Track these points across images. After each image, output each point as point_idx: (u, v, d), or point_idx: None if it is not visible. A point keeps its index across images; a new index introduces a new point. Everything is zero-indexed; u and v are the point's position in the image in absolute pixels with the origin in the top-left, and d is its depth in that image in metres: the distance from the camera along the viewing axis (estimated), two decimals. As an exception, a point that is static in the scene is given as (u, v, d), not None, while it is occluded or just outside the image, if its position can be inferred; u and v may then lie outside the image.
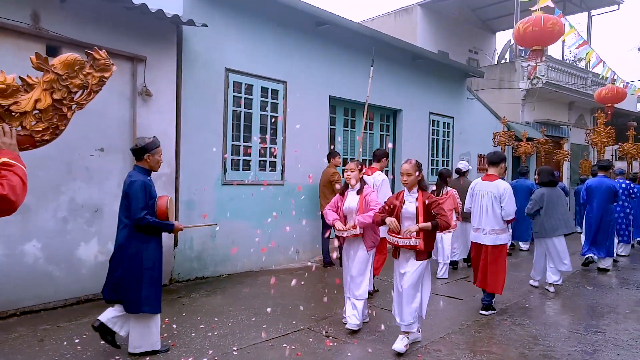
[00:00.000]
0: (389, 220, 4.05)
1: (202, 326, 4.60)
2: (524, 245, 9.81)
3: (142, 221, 3.58)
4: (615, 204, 8.01)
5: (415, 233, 3.97)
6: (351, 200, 4.68)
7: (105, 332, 3.75)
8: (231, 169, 6.82)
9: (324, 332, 4.54)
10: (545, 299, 6.06)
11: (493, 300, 5.39)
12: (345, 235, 4.53)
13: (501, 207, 5.23)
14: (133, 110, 5.55)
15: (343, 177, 5.01)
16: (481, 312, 5.31)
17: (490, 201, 5.27)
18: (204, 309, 5.15)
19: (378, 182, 5.90)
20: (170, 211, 3.79)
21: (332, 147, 8.28)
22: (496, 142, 13.23)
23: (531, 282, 6.70)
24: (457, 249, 7.75)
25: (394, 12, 18.69)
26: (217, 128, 6.60)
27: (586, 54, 8.40)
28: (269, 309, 5.10)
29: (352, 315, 4.57)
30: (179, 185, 6.20)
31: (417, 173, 4.12)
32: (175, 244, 6.20)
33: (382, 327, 4.69)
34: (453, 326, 4.80)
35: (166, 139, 5.87)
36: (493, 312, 5.33)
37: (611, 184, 7.86)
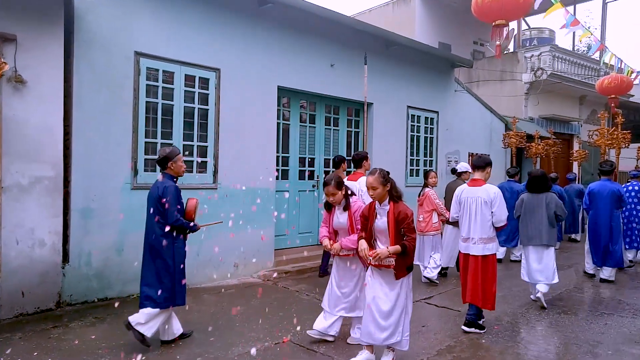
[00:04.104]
0: (361, 249, 3.80)
1: (41, 373, 3.62)
2: (516, 254, 8.59)
3: (177, 222, 4.04)
4: (622, 209, 7.25)
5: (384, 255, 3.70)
6: (339, 216, 4.37)
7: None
8: (144, 171, 5.84)
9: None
10: (513, 329, 4.89)
11: (482, 320, 4.88)
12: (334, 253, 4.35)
13: (492, 212, 4.77)
14: (-1, 100, 4.61)
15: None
16: (463, 327, 4.81)
17: (480, 207, 4.81)
18: (68, 346, 4.17)
19: (365, 188, 5.18)
20: (196, 213, 4.23)
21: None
22: (506, 144, 11.99)
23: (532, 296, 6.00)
24: (442, 255, 6.96)
25: (392, 2, 17.55)
26: (124, 122, 5.62)
27: (584, 37, 7.13)
28: (150, 346, 4.10)
29: (356, 329, 4.34)
30: (70, 190, 5.24)
31: (384, 185, 3.75)
32: (66, 260, 5.24)
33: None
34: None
35: (48, 134, 4.93)
36: (479, 330, 4.78)
37: (615, 188, 7.08)
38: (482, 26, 17.97)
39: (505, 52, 16.08)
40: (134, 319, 4.04)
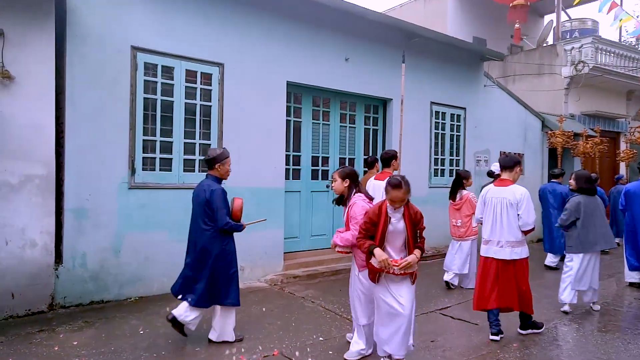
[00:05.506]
0: (381, 259, 3.46)
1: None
2: (553, 260, 7.99)
3: (227, 226, 4.05)
4: None
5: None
6: (344, 211, 4.16)
7: (176, 324, 4.12)
8: (142, 170, 5.63)
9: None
10: (535, 348, 4.32)
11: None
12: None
13: (518, 215, 4.47)
14: (-15, 97, 4.49)
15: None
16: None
17: (505, 209, 4.51)
18: (46, 352, 3.96)
19: None
20: (242, 213, 4.22)
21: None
22: (550, 143, 11.17)
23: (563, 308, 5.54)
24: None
25: (423, -4, 16.97)
26: (121, 119, 5.42)
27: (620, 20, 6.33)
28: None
29: (354, 342, 4.02)
30: (63, 190, 5.08)
31: (409, 192, 3.57)
32: (59, 261, 5.08)
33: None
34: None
35: (39, 132, 4.79)
36: (538, 329, 4.71)
37: None
38: (523, 23, 17.02)
39: (544, 44, 15.14)
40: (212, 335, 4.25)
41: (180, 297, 4.14)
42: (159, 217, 5.69)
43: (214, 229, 4.06)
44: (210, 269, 4.06)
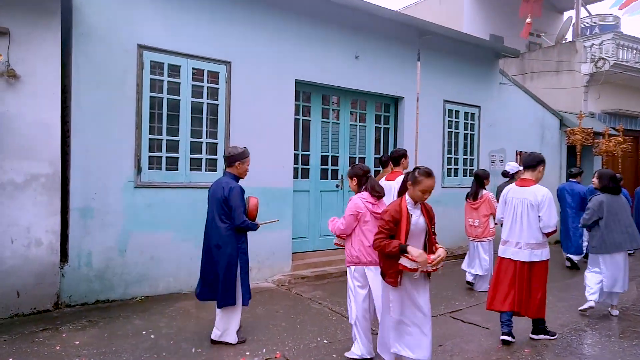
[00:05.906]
0: (417, 254, 3.19)
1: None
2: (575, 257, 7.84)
3: (244, 224, 4.07)
4: None
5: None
6: None
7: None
8: (149, 169, 5.60)
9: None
10: (548, 354, 4.15)
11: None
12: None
13: (539, 217, 4.32)
14: (-9, 96, 4.51)
15: None
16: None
17: (526, 210, 4.39)
18: (48, 352, 3.94)
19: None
20: (257, 212, 4.25)
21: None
22: (570, 141, 10.86)
23: (586, 304, 5.38)
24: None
25: (439, -6, 16.74)
26: (127, 118, 5.40)
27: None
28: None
29: (356, 344, 3.93)
30: (69, 188, 5.08)
31: None
32: (65, 260, 5.08)
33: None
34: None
35: (45, 131, 4.79)
36: (551, 337, 4.52)
37: None
38: (537, 17, 16.67)
39: (563, 41, 14.76)
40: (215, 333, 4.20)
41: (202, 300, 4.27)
42: (165, 216, 5.66)
43: (230, 226, 4.06)
44: (225, 268, 4.03)
